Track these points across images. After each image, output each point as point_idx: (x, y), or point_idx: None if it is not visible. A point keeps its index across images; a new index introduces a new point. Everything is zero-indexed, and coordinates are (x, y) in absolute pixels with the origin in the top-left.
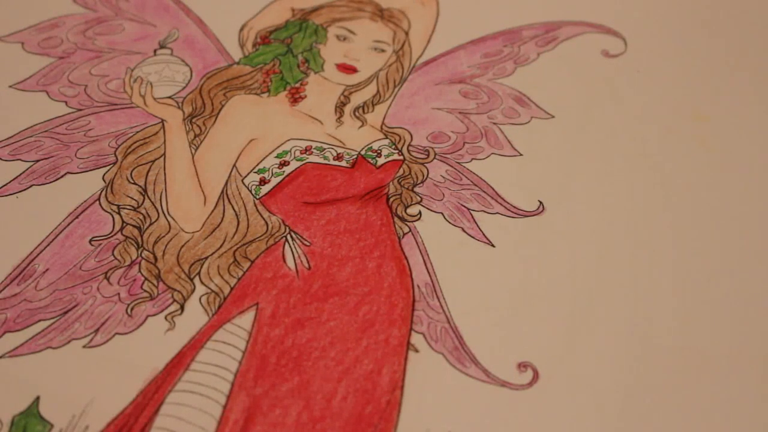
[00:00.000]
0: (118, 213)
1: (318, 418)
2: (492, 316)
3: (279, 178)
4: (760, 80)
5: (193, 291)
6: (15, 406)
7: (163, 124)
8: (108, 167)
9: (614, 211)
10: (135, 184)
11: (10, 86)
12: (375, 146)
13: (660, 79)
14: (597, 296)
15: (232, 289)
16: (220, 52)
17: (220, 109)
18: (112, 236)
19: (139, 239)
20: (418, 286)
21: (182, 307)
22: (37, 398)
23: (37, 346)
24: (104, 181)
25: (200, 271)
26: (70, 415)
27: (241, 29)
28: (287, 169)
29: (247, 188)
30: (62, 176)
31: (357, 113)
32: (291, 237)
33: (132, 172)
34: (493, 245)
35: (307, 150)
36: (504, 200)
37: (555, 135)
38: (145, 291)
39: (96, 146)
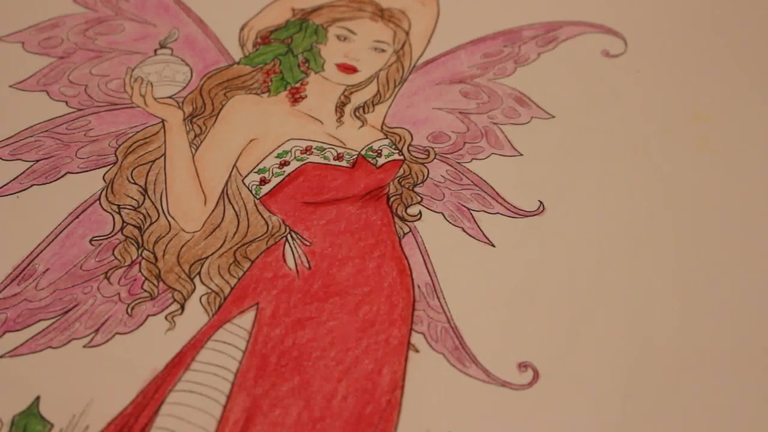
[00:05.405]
0: (119, 213)
1: (318, 418)
2: (492, 316)
3: (279, 178)
4: (760, 80)
5: (193, 291)
6: (15, 405)
7: (163, 124)
8: (108, 167)
9: (614, 211)
10: (135, 183)
11: (11, 86)
12: (375, 146)
13: (660, 79)
14: (597, 296)
15: (232, 288)
16: (221, 52)
17: (221, 109)
18: (112, 236)
19: (140, 239)
20: (419, 286)
21: (182, 307)
22: (38, 398)
23: (37, 345)
24: (104, 180)
25: (200, 270)
26: (70, 414)
27: (242, 29)
28: (287, 169)
29: (248, 188)
30: (62, 176)
31: (357, 113)
32: (291, 237)
33: (132, 171)
34: (493, 245)
35: (307, 150)
36: (504, 200)
37: (555, 135)
38: (146, 291)
39: (96, 146)
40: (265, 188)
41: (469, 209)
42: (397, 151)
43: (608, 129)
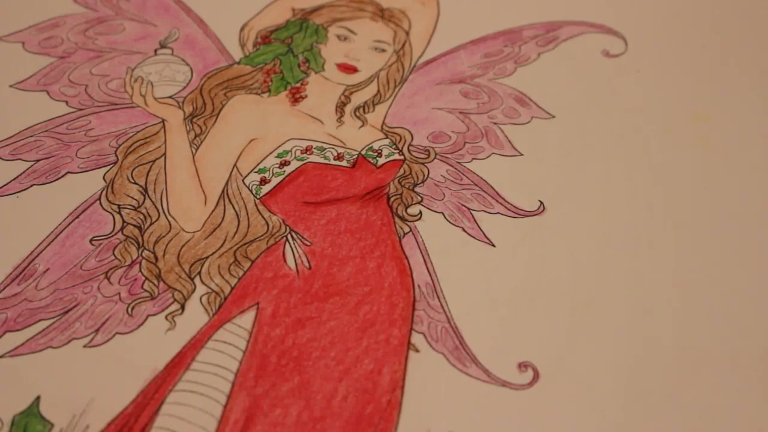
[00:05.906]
0: (119, 213)
1: (318, 418)
2: (492, 316)
3: (279, 178)
4: (760, 80)
5: (193, 291)
6: (15, 405)
7: (163, 124)
8: (108, 167)
9: (614, 211)
10: (135, 183)
11: (11, 86)
12: (375, 146)
13: (660, 79)
14: (597, 296)
15: (232, 288)
16: (221, 52)
17: (221, 109)
18: (112, 236)
19: (140, 239)
20: (419, 286)
21: (183, 307)
22: (38, 398)
23: (37, 345)
24: (105, 180)
25: (201, 270)
26: (70, 414)
27: (242, 29)
28: (288, 169)
29: (248, 188)
30: (63, 176)
31: (357, 113)
32: (291, 237)
33: (132, 171)
34: (493, 245)
35: (307, 150)
36: (504, 200)
37: (555, 135)
38: (146, 291)
39: (96, 146)
40: (266, 188)
41: (469, 209)
42: (397, 151)
43: (608, 129)
